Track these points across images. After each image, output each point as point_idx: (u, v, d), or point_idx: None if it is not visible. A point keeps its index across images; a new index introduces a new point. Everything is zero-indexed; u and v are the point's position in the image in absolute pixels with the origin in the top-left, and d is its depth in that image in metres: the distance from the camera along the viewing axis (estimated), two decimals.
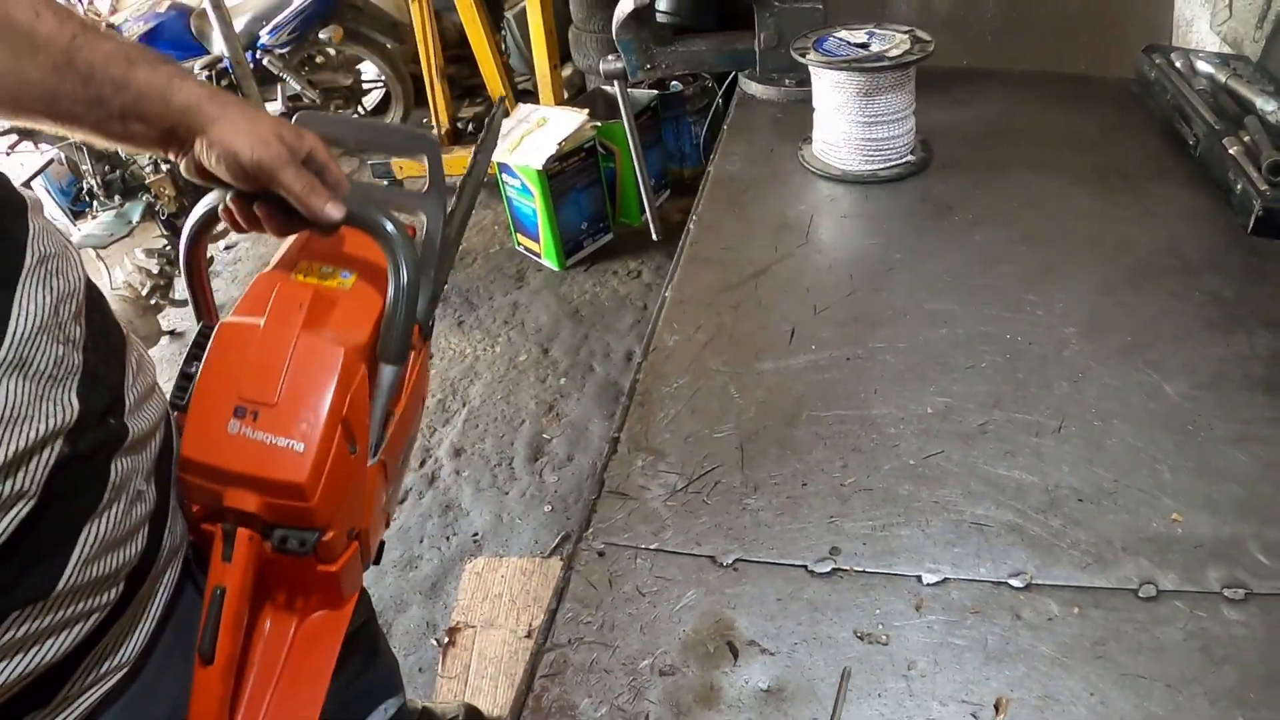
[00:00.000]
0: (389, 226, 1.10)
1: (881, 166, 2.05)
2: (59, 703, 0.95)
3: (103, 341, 1.01)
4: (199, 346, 1.08)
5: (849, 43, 2.03)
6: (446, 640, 2.80)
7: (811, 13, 2.36)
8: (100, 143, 1.11)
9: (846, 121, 2.03)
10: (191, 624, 1.03)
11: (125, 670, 1.01)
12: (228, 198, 1.11)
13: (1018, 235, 1.80)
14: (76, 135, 1.07)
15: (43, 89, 0.99)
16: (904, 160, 2.07)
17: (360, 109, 6.18)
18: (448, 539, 3.19)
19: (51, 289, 0.91)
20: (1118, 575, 1.15)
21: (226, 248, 5.03)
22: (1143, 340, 1.51)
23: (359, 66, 6.16)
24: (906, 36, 2.01)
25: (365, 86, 6.25)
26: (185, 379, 1.08)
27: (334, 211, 1.08)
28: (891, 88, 1.98)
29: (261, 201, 1.10)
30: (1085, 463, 1.30)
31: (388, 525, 1.29)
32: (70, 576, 0.90)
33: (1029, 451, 1.33)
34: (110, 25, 5.31)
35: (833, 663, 1.10)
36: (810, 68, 2.05)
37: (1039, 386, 1.44)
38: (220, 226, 1.17)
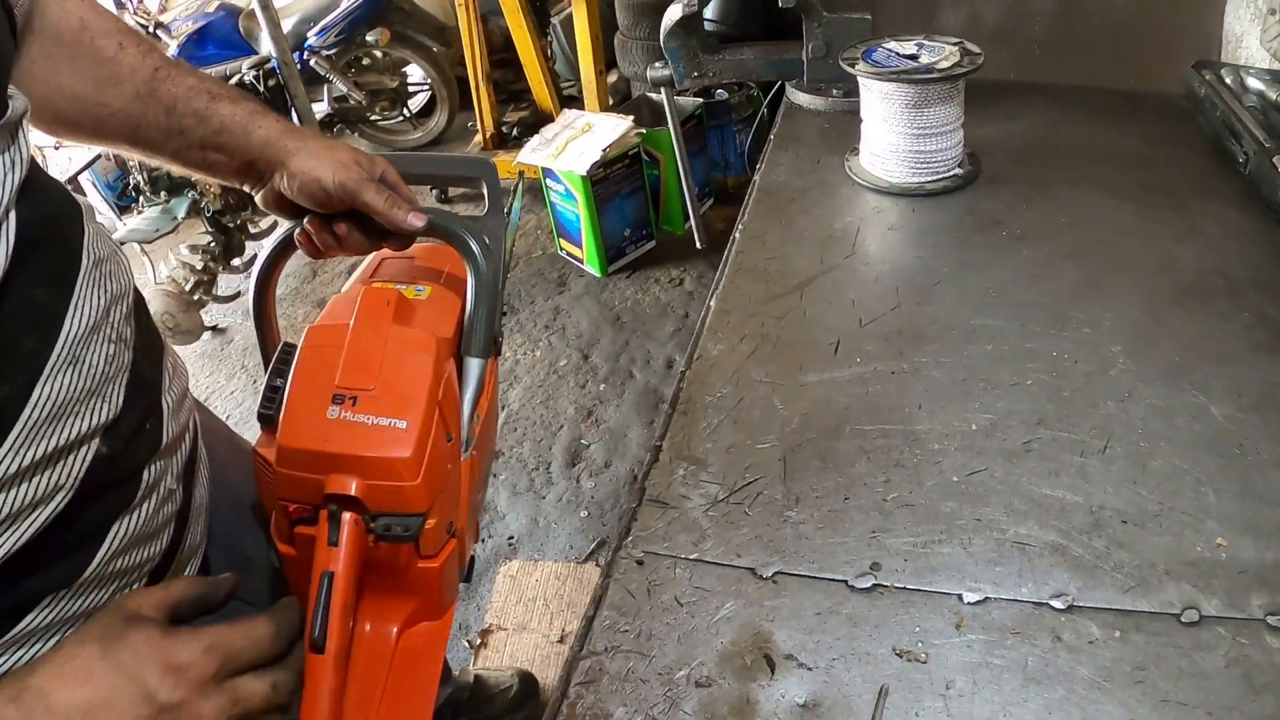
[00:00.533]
0: (463, 231, 1.18)
1: (929, 179, 2.04)
2: None
3: (147, 343, 1.04)
4: (283, 362, 1.11)
5: (898, 54, 2.02)
6: (479, 642, 2.81)
7: (860, 23, 2.35)
8: (177, 170, 1.18)
9: (894, 133, 2.02)
10: None
11: None
12: (305, 222, 1.17)
13: (1064, 251, 1.79)
14: (154, 161, 1.15)
15: (124, 117, 1.07)
16: (951, 173, 2.05)
17: (406, 111, 6.21)
18: (483, 541, 3.20)
19: (105, 290, 0.94)
20: (1160, 599, 1.14)
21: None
22: (1189, 361, 1.49)
23: (405, 69, 6.19)
24: (956, 48, 2.00)
25: (411, 89, 6.28)
26: (273, 390, 1.10)
27: (415, 220, 1.15)
28: (940, 100, 1.97)
29: (342, 222, 1.16)
30: (1130, 484, 1.29)
31: (476, 538, 1.31)
32: (97, 567, 0.92)
33: (1073, 471, 1.32)
34: (159, 24, 5.36)
35: (870, 679, 1.09)
36: (858, 78, 2.04)
37: (1084, 405, 1.43)
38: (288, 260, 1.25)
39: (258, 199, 1.18)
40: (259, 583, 1.21)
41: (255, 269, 1.25)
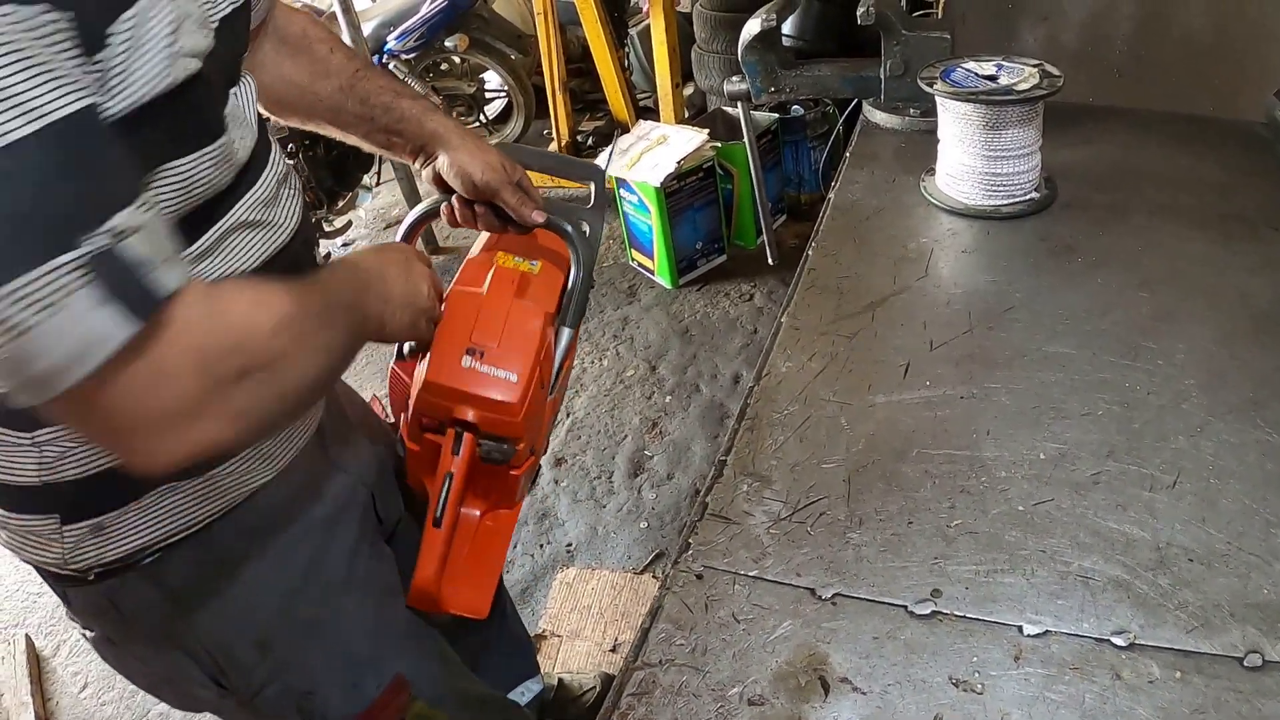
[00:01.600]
0: (570, 229, 1.49)
1: (1004, 202, 2.02)
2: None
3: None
4: None
5: (977, 74, 2.01)
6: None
7: (939, 42, 2.34)
8: (366, 146, 1.51)
9: (971, 154, 2.01)
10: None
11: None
12: (453, 199, 1.50)
13: (1138, 280, 1.76)
14: (348, 139, 1.48)
15: (330, 104, 1.42)
16: (1027, 197, 2.03)
17: (482, 117, 6.26)
18: (541, 546, 3.21)
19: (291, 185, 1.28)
20: (1224, 641, 1.12)
21: (344, 245, 5.13)
22: (1262, 396, 1.47)
23: (483, 76, 6.24)
24: (1035, 70, 1.98)
25: (488, 95, 6.33)
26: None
27: (538, 216, 1.47)
28: (1019, 122, 1.95)
29: (481, 206, 1.49)
30: (1198, 521, 1.26)
31: (545, 451, 1.64)
32: None
33: (1141, 506, 1.30)
34: None
35: (925, 708, 1.09)
36: (936, 98, 2.03)
37: (1155, 438, 1.41)
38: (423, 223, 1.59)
39: (423, 174, 1.49)
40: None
41: (405, 223, 1.55)
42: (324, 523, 1.36)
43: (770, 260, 3.02)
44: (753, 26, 2.45)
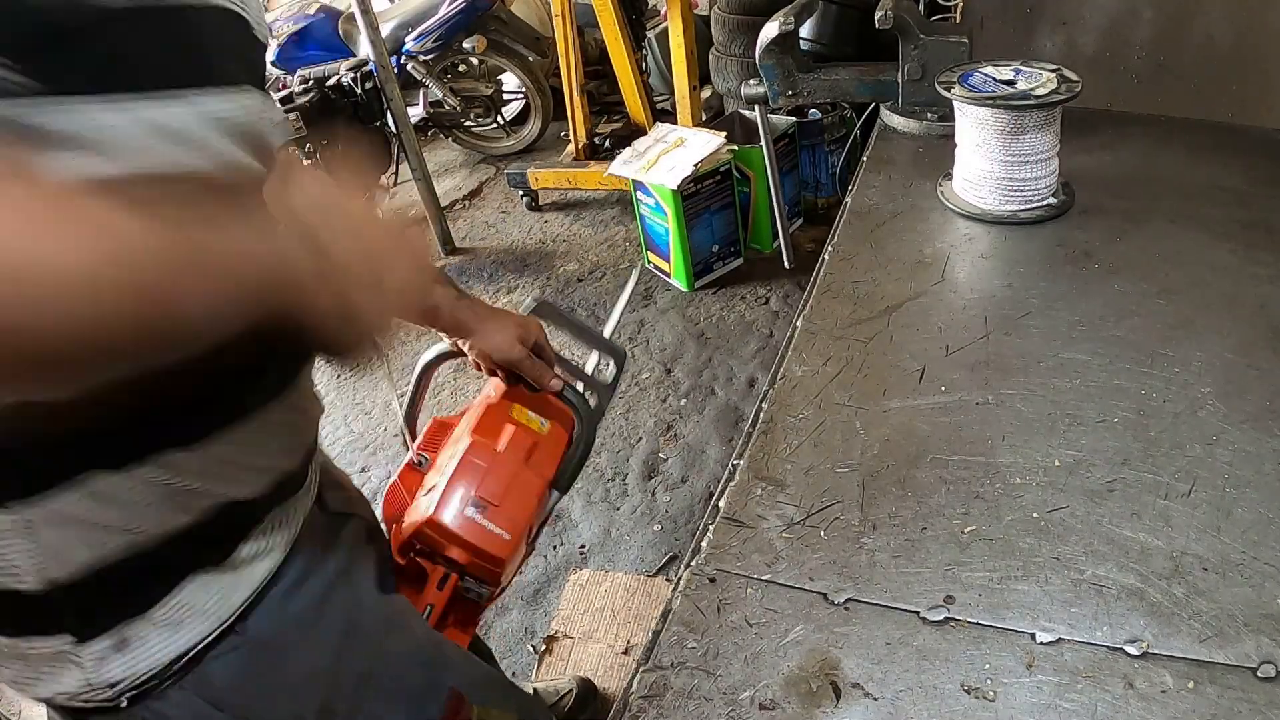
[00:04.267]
0: (579, 406, 1.67)
1: (1022, 208, 2.02)
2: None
3: None
4: (435, 437, 1.70)
5: (995, 79, 2.00)
6: (544, 648, 2.82)
7: (957, 47, 2.33)
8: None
9: (989, 160, 2.00)
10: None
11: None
12: (475, 356, 1.64)
13: (1155, 288, 1.75)
14: None
15: None
16: (1045, 203, 2.03)
17: (500, 119, 6.27)
18: (554, 548, 3.22)
19: None
20: (1237, 652, 1.11)
21: None
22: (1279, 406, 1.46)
23: (500, 77, 6.25)
24: (1054, 75, 1.98)
25: (505, 97, 6.34)
26: (422, 457, 1.67)
27: (554, 385, 1.63)
28: (1037, 127, 1.95)
29: (502, 369, 1.63)
30: (1213, 530, 1.26)
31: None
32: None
33: (1155, 514, 1.29)
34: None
35: (936, 715, 1.08)
36: (954, 102, 2.02)
37: (1170, 447, 1.40)
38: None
39: (447, 343, 1.65)
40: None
41: (422, 360, 1.73)
42: (342, 574, 1.29)
43: (786, 264, 3.01)
44: (770, 30, 2.45)
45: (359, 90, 4.68)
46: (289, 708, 1.20)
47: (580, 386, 1.75)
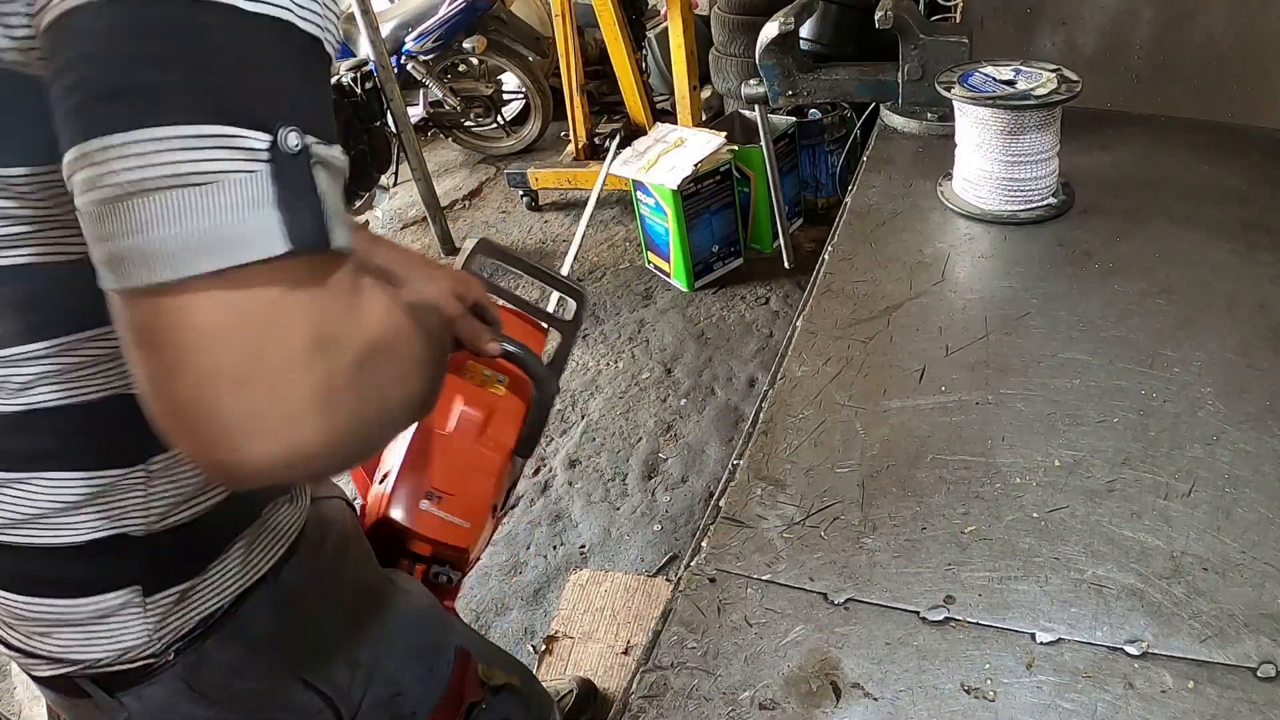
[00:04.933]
0: (531, 363, 1.41)
1: (1022, 208, 2.02)
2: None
3: None
4: None
5: (995, 79, 2.00)
6: (543, 648, 2.82)
7: (957, 47, 2.33)
8: None
9: (988, 159, 2.00)
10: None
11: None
12: None
13: (1155, 288, 1.75)
14: None
15: None
16: (1045, 203, 2.03)
17: (500, 119, 6.27)
18: (554, 548, 3.22)
19: None
20: (1237, 652, 1.11)
21: None
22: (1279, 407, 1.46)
23: (500, 77, 6.25)
24: (1054, 75, 1.98)
25: (505, 97, 6.34)
26: None
27: (493, 348, 1.34)
28: (1037, 127, 1.95)
29: None
30: (1213, 530, 1.26)
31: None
32: None
33: (1156, 514, 1.29)
34: None
35: (936, 715, 1.08)
36: (954, 102, 2.02)
37: (1170, 447, 1.40)
38: None
39: None
40: None
41: None
42: (345, 540, 1.33)
43: (786, 264, 3.02)
44: (770, 30, 2.45)
45: (359, 90, 4.68)
46: (321, 655, 1.25)
47: (547, 335, 1.63)
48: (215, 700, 1.13)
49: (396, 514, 1.40)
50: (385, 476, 1.44)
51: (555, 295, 1.75)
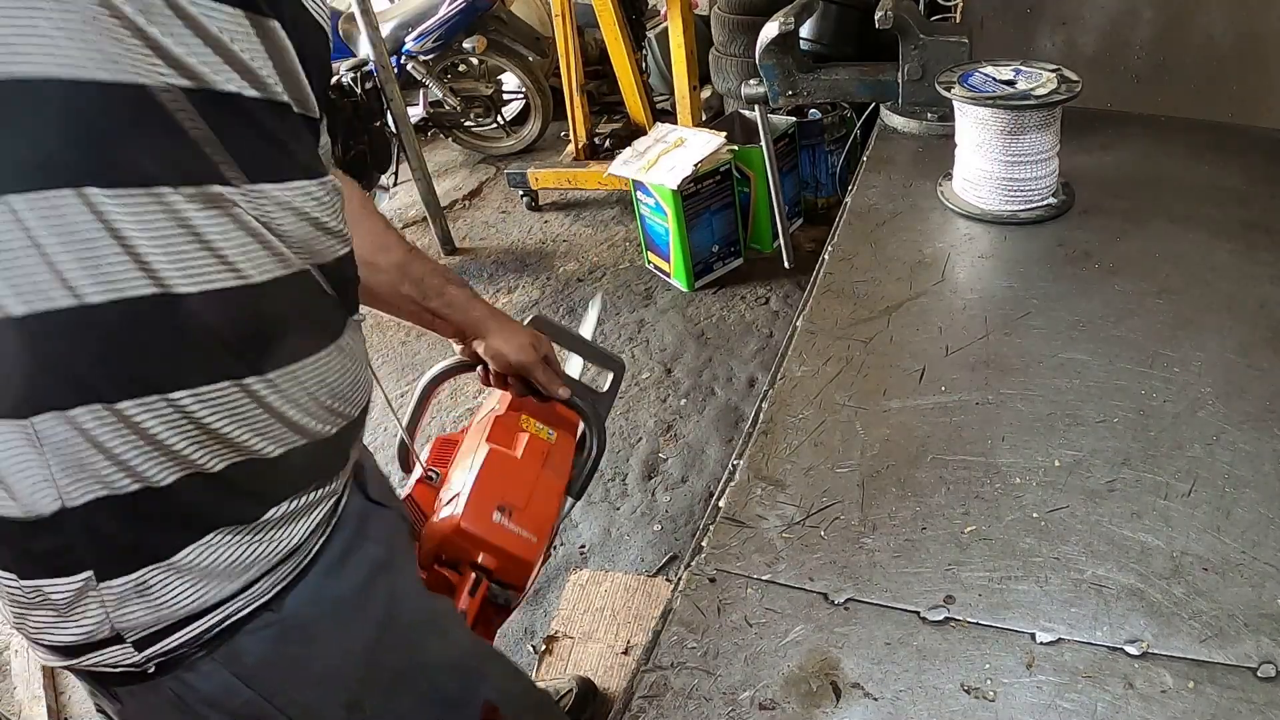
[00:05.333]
0: (590, 410, 1.69)
1: (1022, 208, 2.02)
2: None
3: None
4: (442, 453, 1.71)
5: (995, 79, 2.00)
6: (544, 648, 2.82)
7: (957, 47, 2.33)
8: (406, 319, 1.60)
9: (989, 160, 2.00)
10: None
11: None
12: (487, 369, 1.65)
13: (1155, 288, 1.75)
14: (386, 313, 1.56)
15: (388, 278, 1.47)
16: (1045, 203, 2.03)
17: (500, 119, 6.27)
18: (555, 548, 3.21)
19: None
20: (1237, 652, 1.11)
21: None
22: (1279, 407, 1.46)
23: (500, 77, 6.25)
24: (1054, 75, 1.98)
25: (505, 97, 6.33)
26: (433, 472, 1.67)
27: (564, 393, 1.65)
28: (1037, 127, 1.95)
29: (513, 378, 1.65)
30: (1213, 530, 1.26)
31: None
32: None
33: (1156, 514, 1.29)
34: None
35: (936, 715, 1.08)
36: (954, 102, 2.02)
37: (1170, 447, 1.40)
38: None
39: (459, 350, 1.67)
40: None
41: (435, 368, 1.72)
42: (383, 564, 1.24)
43: (786, 264, 3.02)
44: (770, 30, 2.45)
45: (359, 90, 4.67)
46: (317, 695, 1.18)
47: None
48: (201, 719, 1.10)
49: (473, 522, 1.48)
50: (454, 498, 1.52)
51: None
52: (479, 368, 1.67)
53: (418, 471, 1.68)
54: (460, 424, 3.79)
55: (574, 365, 1.87)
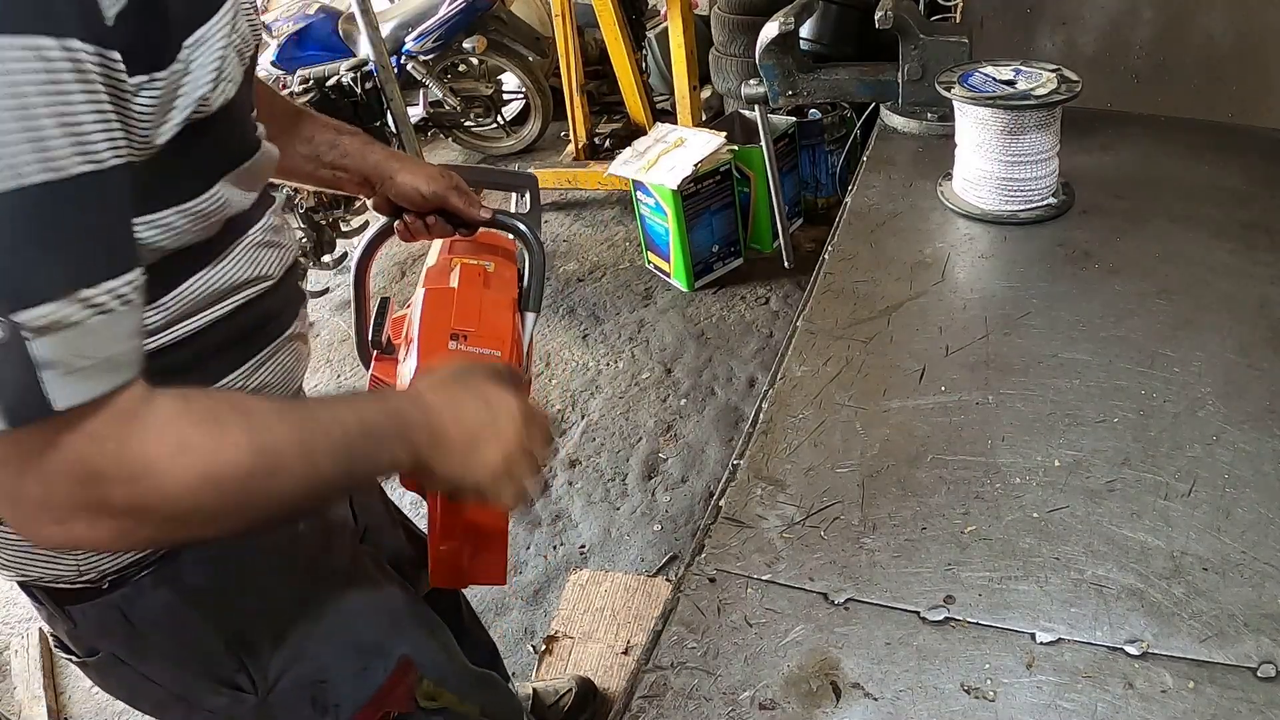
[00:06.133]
0: (519, 222, 1.63)
1: (1022, 208, 2.02)
2: None
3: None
4: (382, 313, 1.58)
5: (995, 79, 2.00)
6: (544, 648, 2.82)
7: (957, 47, 2.33)
8: (311, 185, 1.61)
9: (988, 159, 2.00)
10: None
11: None
12: (405, 217, 1.59)
13: (1155, 288, 1.75)
14: (290, 182, 1.61)
15: (278, 144, 1.27)
16: (1045, 203, 2.03)
17: (500, 119, 6.27)
18: (554, 548, 3.22)
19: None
20: (1237, 652, 1.11)
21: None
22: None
23: (500, 77, 6.25)
24: (1054, 75, 1.98)
25: (505, 97, 6.33)
26: (380, 331, 1.58)
27: (485, 213, 1.58)
28: (1037, 127, 1.95)
29: (432, 216, 1.57)
30: (1213, 530, 1.26)
31: None
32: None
33: (1155, 514, 1.29)
34: (261, 25, 5.48)
35: (936, 715, 1.08)
36: (954, 102, 2.02)
37: (1170, 447, 1.40)
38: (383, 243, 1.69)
39: (369, 204, 1.59)
40: None
41: (359, 246, 1.67)
42: (323, 526, 1.38)
43: (786, 264, 3.02)
44: (770, 30, 2.45)
45: (359, 90, 4.67)
46: (247, 621, 1.29)
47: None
48: (144, 636, 1.22)
49: (425, 359, 1.43)
50: (409, 352, 1.48)
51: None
52: (396, 224, 1.62)
53: (372, 355, 1.62)
54: None
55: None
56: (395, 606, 1.50)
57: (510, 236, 1.67)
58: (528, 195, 1.76)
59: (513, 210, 1.72)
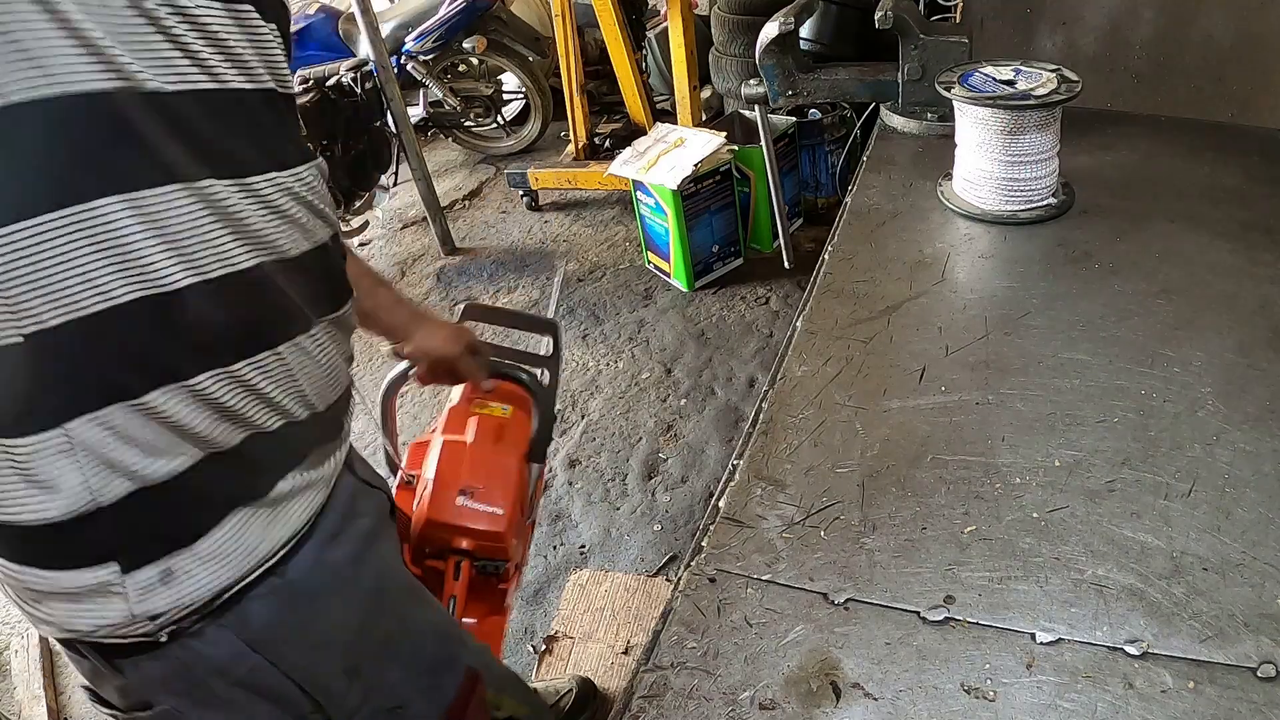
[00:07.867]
0: (527, 379, 1.78)
1: (1022, 208, 2.02)
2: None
3: None
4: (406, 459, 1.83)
5: (995, 79, 2.00)
6: (544, 648, 2.81)
7: (957, 47, 2.33)
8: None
9: (989, 159, 2.00)
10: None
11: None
12: (420, 369, 1.72)
13: (1155, 288, 1.76)
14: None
15: None
16: (1045, 203, 2.03)
17: (500, 119, 6.27)
18: (555, 548, 3.21)
19: None
20: (1237, 652, 1.11)
21: (360, 245, 5.16)
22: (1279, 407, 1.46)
23: (500, 77, 6.24)
24: (1053, 75, 1.98)
25: (505, 97, 6.33)
26: (411, 475, 1.79)
27: (488, 384, 1.78)
28: (1037, 127, 1.95)
29: (442, 371, 1.73)
30: (1213, 530, 1.26)
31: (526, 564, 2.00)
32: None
33: (1155, 514, 1.29)
34: None
35: (936, 715, 1.08)
36: (954, 102, 2.03)
37: (1170, 447, 1.40)
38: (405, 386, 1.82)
39: (388, 350, 1.72)
40: None
41: (382, 387, 1.81)
42: (371, 537, 1.31)
43: (786, 264, 3.02)
44: (770, 30, 2.45)
45: (359, 90, 4.66)
46: (319, 660, 1.22)
47: (540, 372, 1.86)
48: (207, 688, 1.14)
49: (440, 512, 1.64)
50: (423, 495, 1.67)
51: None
52: (413, 369, 1.75)
53: (398, 477, 1.82)
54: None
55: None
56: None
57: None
58: (550, 340, 1.94)
59: (541, 351, 1.91)
